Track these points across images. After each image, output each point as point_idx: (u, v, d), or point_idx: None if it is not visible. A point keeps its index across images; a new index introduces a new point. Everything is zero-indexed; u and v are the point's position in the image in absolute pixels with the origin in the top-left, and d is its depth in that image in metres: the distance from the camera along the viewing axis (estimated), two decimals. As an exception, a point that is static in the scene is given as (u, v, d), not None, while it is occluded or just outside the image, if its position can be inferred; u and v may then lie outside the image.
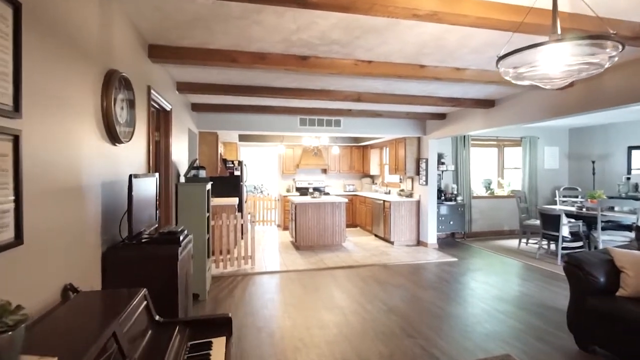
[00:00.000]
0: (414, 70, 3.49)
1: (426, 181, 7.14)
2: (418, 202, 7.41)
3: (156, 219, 2.57)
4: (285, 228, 9.05)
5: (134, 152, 2.62)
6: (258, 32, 2.73)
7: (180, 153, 4.53)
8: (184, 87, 4.30)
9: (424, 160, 7.22)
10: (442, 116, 6.52)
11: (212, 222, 5.35)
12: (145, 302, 1.61)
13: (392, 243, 7.34)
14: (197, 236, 4.24)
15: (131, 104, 2.43)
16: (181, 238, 2.22)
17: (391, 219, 7.26)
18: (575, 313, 3.05)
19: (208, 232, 4.81)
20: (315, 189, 9.55)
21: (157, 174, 2.65)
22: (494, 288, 4.68)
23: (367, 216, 8.61)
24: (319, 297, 4.38)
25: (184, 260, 2.24)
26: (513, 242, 7.45)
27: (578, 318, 3.01)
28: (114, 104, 2.12)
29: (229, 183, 7.87)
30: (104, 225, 2.07)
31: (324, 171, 9.85)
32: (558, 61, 1.52)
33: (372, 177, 10.00)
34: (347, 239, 7.45)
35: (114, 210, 2.19)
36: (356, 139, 9.66)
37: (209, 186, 4.57)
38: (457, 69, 3.62)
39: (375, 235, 8.20)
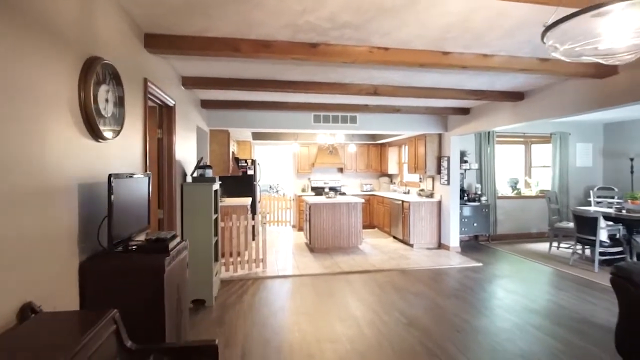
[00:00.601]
0: (436, 57, 3.14)
1: (448, 180, 6.73)
2: (439, 203, 7.01)
3: (148, 222, 2.33)
4: (300, 229, 8.79)
5: (125, 150, 2.39)
6: (259, 16, 2.45)
7: (186, 152, 4.31)
8: (189, 82, 4.07)
9: (446, 158, 6.81)
10: (465, 111, 6.11)
11: (221, 224, 5.13)
12: (114, 326, 1.35)
13: (411, 246, 6.96)
14: (203, 239, 4.02)
15: (120, 96, 2.20)
16: (171, 246, 1.96)
17: (410, 221, 6.89)
18: (625, 333, 2.64)
19: (216, 235, 4.58)
20: (331, 189, 9.25)
21: (149, 174, 2.41)
22: (524, 298, 4.26)
23: (385, 217, 8.24)
24: (332, 305, 4.08)
25: (174, 272, 1.99)
26: (542, 246, 6.95)
27: (630, 339, 2.60)
28: (95, 95, 1.88)
29: (242, 183, 7.67)
30: (84, 232, 1.84)
31: (340, 170, 9.53)
32: (629, 28, 1.18)
33: (390, 176, 9.62)
34: (363, 241, 7.12)
35: (98, 215, 1.95)
36: (373, 137, 9.31)
37: (216, 186, 4.34)
38: (484, 56, 3.24)
39: (394, 237, 7.84)
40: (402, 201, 7.18)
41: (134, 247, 1.96)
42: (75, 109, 1.78)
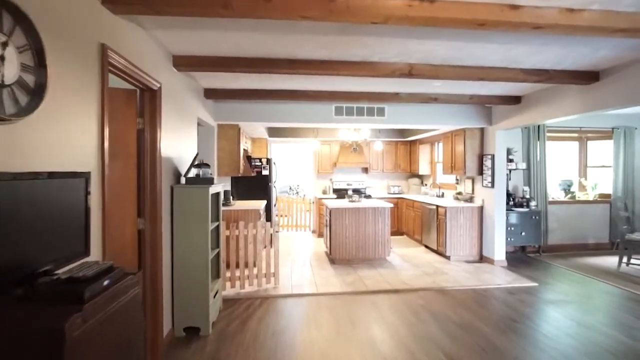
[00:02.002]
0: (502, 12, 2.26)
1: (492, 182, 5.76)
2: (481, 209, 6.03)
3: (85, 246, 1.59)
4: (321, 235, 7.99)
5: (57, 137, 1.66)
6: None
7: (182, 148, 3.61)
8: (182, 63, 3.35)
9: (489, 156, 5.83)
10: (515, 100, 5.13)
11: (226, 232, 4.41)
12: None
13: (447, 258, 6.03)
14: (198, 253, 3.29)
15: (38, 56, 1.47)
16: (91, 290, 1.20)
17: (447, 229, 5.96)
18: None
19: (217, 246, 3.86)
20: (355, 191, 8.41)
21: (87, 173, 1.67)
22: (607, 337, 3.29)
23: (416, 223, 7.32)
24: (354, 337, 3.25)
25: (103, 334, 1.22)
26: (605, 261, 5.86)
27: None
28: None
29: (256, 184, 6.96)
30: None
31: (365, 170, 8.67)
32: None
33: (420, 177, 8.67)
34: (392, 251, 6.24)
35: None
36: (402, 133, 8.38)
37: (217, 188, 3.61)
38: (569, 11, 2.33)
39: (426, 247, 6.91)
40: (437, 206, 6.25)
41: (33, 290, 1.21)
42: None
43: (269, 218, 6.98)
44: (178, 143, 3.49)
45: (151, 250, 2.93)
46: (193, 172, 3.47)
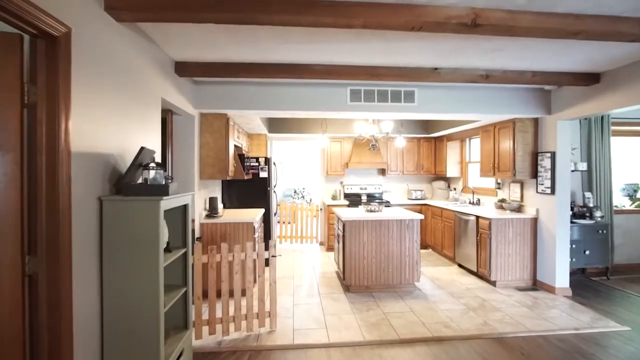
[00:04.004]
0: None
1: (552, 188, 4.48)
2: (534, 221, 4.75)
3: None
4: (330, 248, 6.76)
5: None
6: None
7: (129, 141, 2.40)
8: (120, 5, 2.14)
9: (548, 155, 4.55)
10: (592, 79, 3.85)
11: (202, 258, 3.20)
12: None
13: (492, 283, 4.76)
14: (142, 302, 2.08)
15: None
16: None
17: (492, 246, 4.69)
18: None
19: (184, 284, 2.65)
20: (370, 197, 7.16)
21: None
22: None
23: (446, 236, 6.06)
24: None
25: None
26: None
27: None
28: None
29: (252, 189, 5.76)
30: None
31: (382, 172, 7.41)
32: None
33: (446, 179, 7.40)
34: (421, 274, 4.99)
35: None
36: (426, 127, 7.11)
37: (181, 200, 2.40)
38: None
39: (460, 266, 5.64)
40: (477, 216, 4.98)
41: None
42: None
43: (268, 231, 5.76)
44: (119, 132, 2.28)
45: (50, 309, 1.73)
46: (138, 177, 2.26)
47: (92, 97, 1.97)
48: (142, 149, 2.16)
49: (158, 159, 2.89)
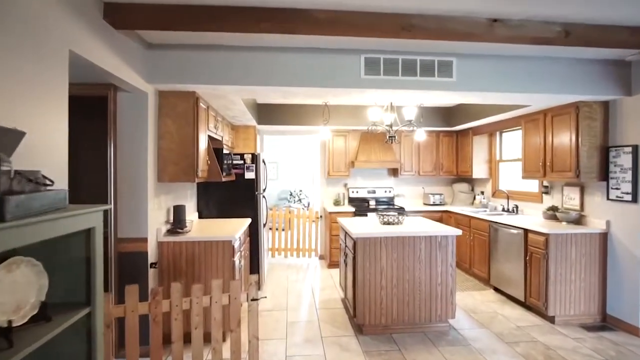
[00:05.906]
0: None
1: (634, 194, 3.34)
2: (604, 236, 3.62)
3: None
4: (332, 264, 5.60)
5: None
6: None
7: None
8: None
9: (627, 150, 3.42)
10: None
11: (139, 309, 2.03)
12: None
13: (549, 319, 3.61)
14: None
15: None
16: None
17: (549, 269, 3.54)
18: None
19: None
20: (380, 202, 6.01)
21: None
22: None
23: (476, 251, 4.91)
24: None
25: None
26: None
27: None
28: None
29: (234, 193, 4.60)
30: None
31: (394, 172, 6.26)
32: None
33: (470, 181, 6.26)
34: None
35: None
36: (447, 119, 5.95)
37: (57, 227, 1.22)
38: None
39: (495, 290, 4.50)
40: (527, 230, 3.84)
41: None
42: None
43: (255, 247, 4.59)
44: None
45: None
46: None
47: None
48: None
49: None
